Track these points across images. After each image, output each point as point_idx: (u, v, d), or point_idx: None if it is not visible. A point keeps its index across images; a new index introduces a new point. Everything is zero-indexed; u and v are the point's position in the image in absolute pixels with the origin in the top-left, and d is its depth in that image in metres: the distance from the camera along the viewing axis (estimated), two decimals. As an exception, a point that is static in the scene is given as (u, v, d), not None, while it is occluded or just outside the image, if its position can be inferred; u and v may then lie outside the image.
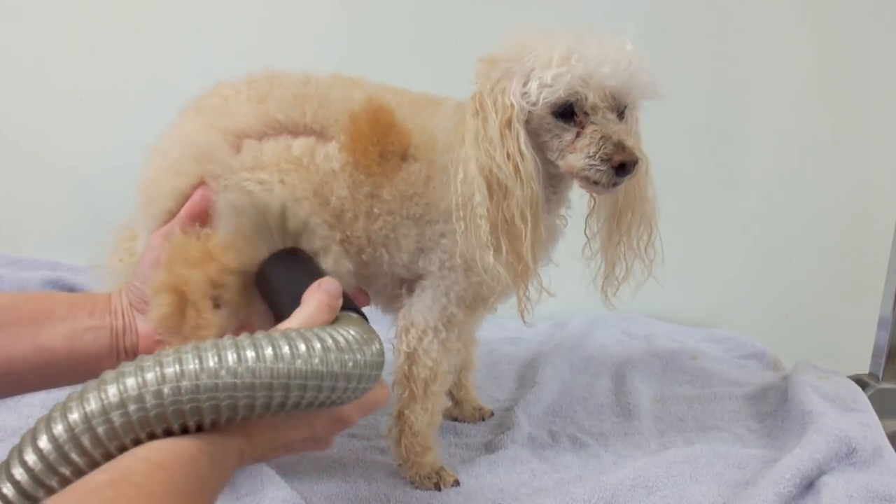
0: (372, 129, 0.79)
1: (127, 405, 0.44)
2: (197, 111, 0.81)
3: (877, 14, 1.38)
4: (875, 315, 1.21)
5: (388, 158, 0.79)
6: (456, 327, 0.87)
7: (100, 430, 0.44)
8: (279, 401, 0.48)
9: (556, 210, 0.86)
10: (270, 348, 0.48)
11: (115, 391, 0.44)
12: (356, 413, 0.60)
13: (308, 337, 0.50)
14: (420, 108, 0.83)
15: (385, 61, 1.35)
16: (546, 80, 0.72)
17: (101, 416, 0.44)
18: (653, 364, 1.24)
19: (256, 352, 0.47)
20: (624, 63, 0.73)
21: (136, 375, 0.45)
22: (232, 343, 0.47)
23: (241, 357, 0.47)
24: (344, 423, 0.60)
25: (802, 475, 0.83)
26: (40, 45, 1.46)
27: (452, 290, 0.84)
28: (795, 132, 1.45)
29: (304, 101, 0.80)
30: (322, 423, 0.58)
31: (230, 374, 0.46)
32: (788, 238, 1.49)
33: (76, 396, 0.44)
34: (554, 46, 0.73)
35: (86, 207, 1.51)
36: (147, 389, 0.45)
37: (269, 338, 0.49)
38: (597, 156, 0.74)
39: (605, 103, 0.74)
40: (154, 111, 0.82)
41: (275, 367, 0.47)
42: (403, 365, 0.88)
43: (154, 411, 0.45)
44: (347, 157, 0.79)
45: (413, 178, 0.80)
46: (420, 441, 0.88)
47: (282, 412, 0.50)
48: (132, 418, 0.44)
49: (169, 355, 0.46)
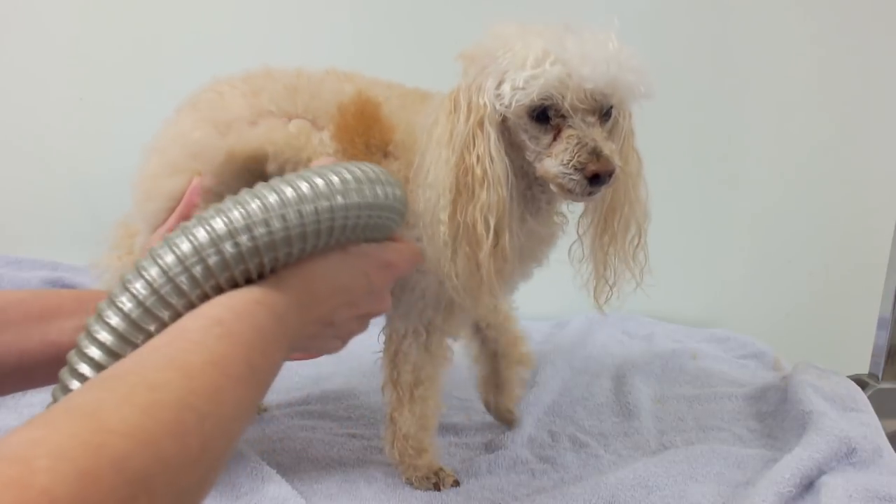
0: (358, 120, 0.79)
1: (207, 248, 0.48)
2: (193, 107, 0.81)
3: (877, 14, 1.37)
4: (875, 315, 1.21)
5: (372, 151, 0.79)
6: (437, 330, 0.86)
7: (182, 279, 0.47)
8: (327, 225, 0.53)
9: (547, 212, 0.81)
10: (318, 178, 0.54)
11: (185, 243, 0.48)
12: (403, 261, 0.62)
13: (338, 170, 0.56)
14: (408, 103, 0.81)
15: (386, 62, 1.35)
16: (518, 82, 0.68)
17: (187, 259, 0.48)
18: (653, 364, 1.24)
19: (309, 182, 0.53)
20: (604, 64, 0.68)
21: (209, 223, 0.49)
22: (287, 180, 0.53)
23: (308, 184, 0.53)
24: (392, 269, 0.61)
25: (802, 475, 0.83)
26: (40, 46, 1.46)
27: (427, 294, 0.83)
28: (796, 132, 1.44)
29: (295, 93, 0.80)
30: (373, 268, 0.59)
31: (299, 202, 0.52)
32: (788, 238, 1.49)
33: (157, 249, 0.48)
34: (531, 45, 0.69)
35: (86, 207, 1.51)
36: (234, 226, 0.49)
37: (311, 172, 0.55)
38: (570, 164, 0.69)
39: (586, 105, 0.69)
40: (154, 112, 0.82)
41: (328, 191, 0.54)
42: (388, 369, 0.88)
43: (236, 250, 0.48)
44: (337, 146, 0.79)
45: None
46: (412, 444, 0.88)
47: (331, 239, 0.53)
48: (211, 262, 0.48)
49: (235, 199, 0.51)
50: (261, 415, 1.06)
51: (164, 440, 0.36)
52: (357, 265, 0.58)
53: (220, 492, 0.83)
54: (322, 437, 1.00)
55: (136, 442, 0.35)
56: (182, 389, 0.39)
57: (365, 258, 0.59)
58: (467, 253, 0.72)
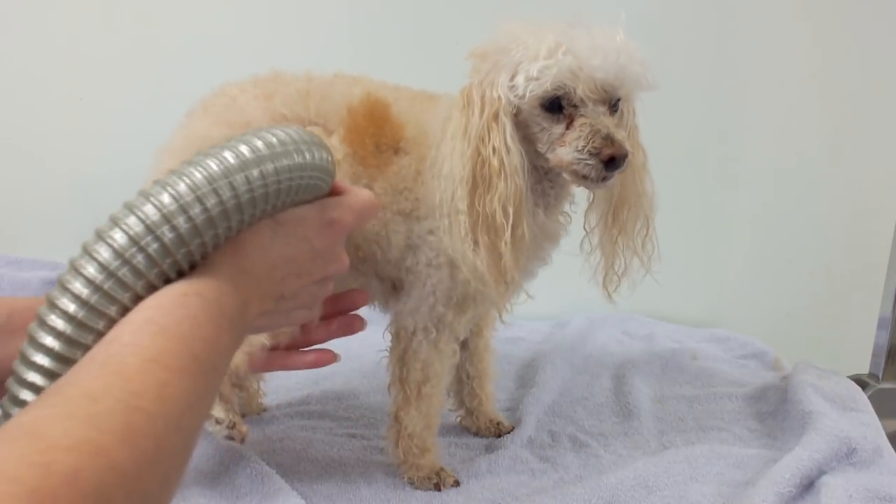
0: (368, 121, 0.80)
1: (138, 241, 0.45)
2: (205, 111, 0.82)
3: (877, 14, 1.38)
4: (875, 315, 1.21)
5: (382, 150, 0.80)
6: (447, 328, 0.86)
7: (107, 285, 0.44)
8: (261, 193, 0.49)
9: (555, 208, 0.84)
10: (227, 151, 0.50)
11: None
12: (348, 213, 0.58)
13: (262, 134, 0.52)
14: (416, 104, 0.84)
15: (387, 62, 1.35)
16: (532, 73, 0.71)
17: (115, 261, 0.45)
18: (653, 364, 1.24)
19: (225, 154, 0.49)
20: (614, 55, 0.71)
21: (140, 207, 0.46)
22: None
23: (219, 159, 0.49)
24: (337, 226, 0.58)
25: (802, 475, 0.83)
26: (40, 46, 1.46)
27: (438, 289, 0.83)
28: (795, 132, 1.44)
29: (307, 97, 0.81)
30: (313, 230, 0.56)
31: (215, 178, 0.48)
32: (788, 238, 1.49)
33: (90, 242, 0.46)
34: (542, 38, 0.72)
35: (86, 208, 1.51)
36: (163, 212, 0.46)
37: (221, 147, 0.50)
38: (585, 150, 0.72)
39: (596, 95, 0.73)
40: (154, 112, 0.83)
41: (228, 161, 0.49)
42: (395, 367, 0.88)
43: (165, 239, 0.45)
44: (347, 149, 0.80)
45: (404, 172, 0.81)
46: (417, 443, 0.88)
47: (258, 210, 0.50)
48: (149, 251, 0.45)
49: (162, 181, 0.47)
50: (260, 415, 1.06)
51: (114, 448, 0.35)
52: (293, 232, 0.55)
53: (221, 493, 0.83)
54: (322, 437, 1.00)
55: (85, 454, 0.34)
56: (123, 392, 0.38)
57: (301, 223, 0.55)
58: (487, 243, 0.74)
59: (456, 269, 0.81)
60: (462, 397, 1.03)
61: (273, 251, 0.53)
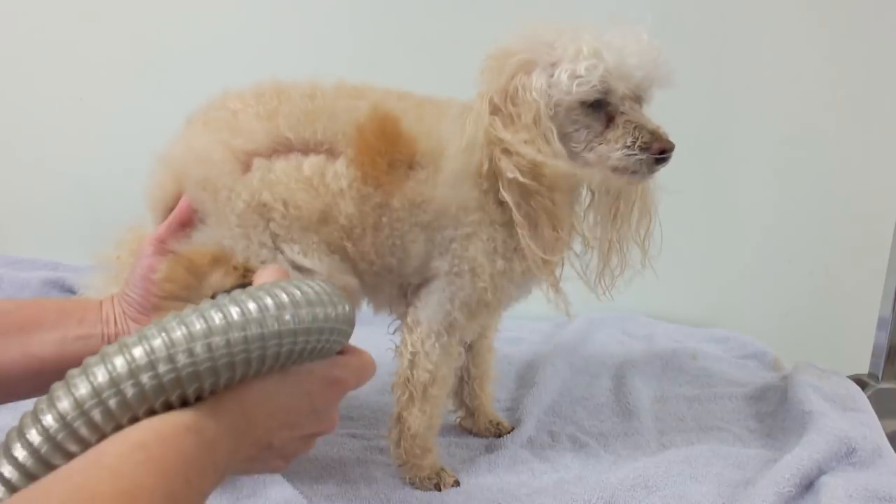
0: (379, 139, 0.78)
1: (136, 375, 0.42)
2: (205, 125, 0.80)
3: (878, 14, 1.38)
4: (875, 315, 1.21)
5: (396, 167, 0.79)
6: (457, 332, 0.87)
7: (95, 413, 0.42)
8: (258, 354, 0.47)
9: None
10: (251, 302, 0.47)
11: (121, 362, 0.43)
12: (351, 376, 0.58)
13: (274, 291, 0.49)
14: (425, 113, 0.82)
15: (387, 62, 1.35)
16: (579, 71, 0.73)
17: (106, 390, 0.42)
18: (653, 364, 1.24)
19: (241, 307, 0.47)
20: (647, 54, 0.75)
21: (128, 350, 0.43)
22: (213, 304, 0.47)
23: (240, 310, 0.46)
24: (339, 386, 0.57)
25: (802, 475, 0.83)
26: (40, 46, 1.46)
27: (457, 296, 0.84)
28: (796, 132, 1.44)
29: (314, 119, 0.79)
30: (317, 387, 0.55)
31: (233, 329, 0.46)
32: (788, 238, 1.49)
33: (64, 383, 0.42)
34: (579, 38, 0.74)
35: (86, 208, 1.51)
36: (156, 356, 0.43)
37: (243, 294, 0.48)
38: (635, 145, 0.75)
39: (631, 94, 0.76)
40: (154, 113, 0.82)
41: (261, 319, 0.47)
42: (405, 367, 0.87)
43: (167, 377, 0.43)
44: (355, 173, 0.78)
45: (421, 186, 0.79)
46: (419, 443, 0.88)
47: (263, 368, 0.48)
48: (143, 388, 0.43)
49: (170, 320, 0.45)
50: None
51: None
52: (299, 385, 0.54)
53: (222, 493, 0.83)
54: (322, 437, 1.00)
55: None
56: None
57: (308, 377, 0.54)
58: (549, 231, 0.78)
59: (476, 277, 0.82)
60: (462, 398, 1.03)
61: (277, 400, 0.52)
